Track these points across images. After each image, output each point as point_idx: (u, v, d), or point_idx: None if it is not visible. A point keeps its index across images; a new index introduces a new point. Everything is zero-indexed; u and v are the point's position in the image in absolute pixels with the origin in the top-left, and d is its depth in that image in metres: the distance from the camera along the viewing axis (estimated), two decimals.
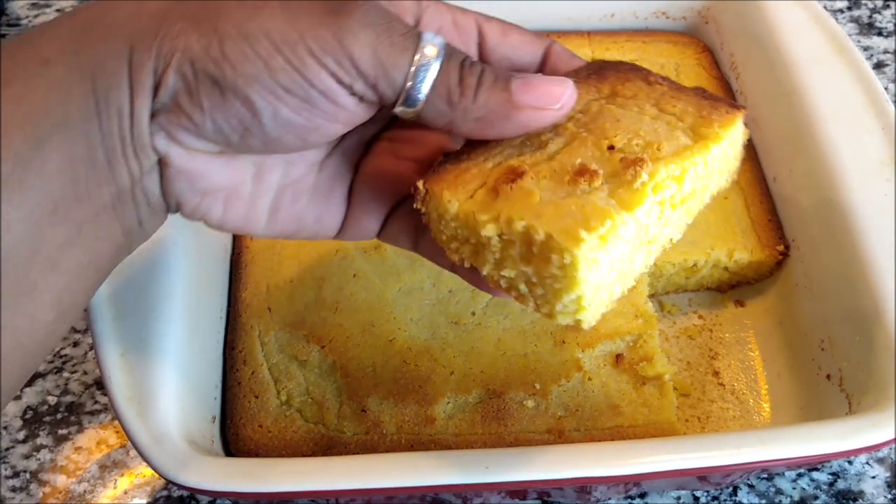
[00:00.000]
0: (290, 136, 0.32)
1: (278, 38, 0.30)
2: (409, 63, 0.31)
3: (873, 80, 0.51)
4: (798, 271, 0.52)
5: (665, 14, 0.67)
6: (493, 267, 0.32)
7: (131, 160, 0.31)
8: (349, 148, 0.38)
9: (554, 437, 0.45)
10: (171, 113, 0.30)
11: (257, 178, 0.35)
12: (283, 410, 0.46)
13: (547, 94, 0.32)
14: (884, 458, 0.50)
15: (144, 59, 0.29)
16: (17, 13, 0.82)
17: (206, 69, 0.29)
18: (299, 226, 0.37)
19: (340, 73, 0.30)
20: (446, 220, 0.33)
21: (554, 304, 0.31)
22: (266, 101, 0.30)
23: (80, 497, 0.49)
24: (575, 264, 0.29)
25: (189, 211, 0.34)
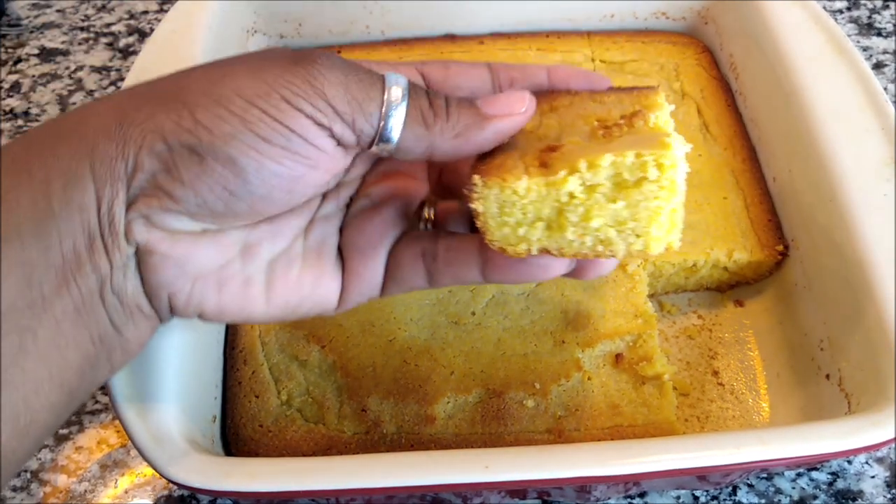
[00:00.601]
0: (277, 190, 0.31)
1: (249, 93, 0.30)
2: (381, 95, 0.32)
3: (873, 81, 0.52)
4: (797, 271, 0.52)
5: (665, 14, 0.67)
6: (577, 229, 0.33)
7: (98, 256, 0.30)
8: (328, 214, 0.37)
9: (554, 436, 0.45)
10: (150, 197, 0.30)
11: (245, 254, 0.34)
12: (283, 410, 0.47)
13: (509, 101, 0.34)
14: (883, 457, 0.50)
15: (109, 151, 0.29)
16: (17, 13, 0.82)
17: (182, 140, 0.29)
18: (300, 296, 0.36)
19: (318, 115, 0.30)
20: (513, 202, 0.32)
21: (650, 229, 0.32)
22: (248, 157, 0.30)
23: (81, 497, 0.50)
24: (674, 165, 0.31)
25: (182, 303, 0.33)
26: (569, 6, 0.66)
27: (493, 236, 0.34)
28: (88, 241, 0.29)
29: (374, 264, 0.37)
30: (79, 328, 0.30)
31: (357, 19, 0.66)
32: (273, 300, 0.35)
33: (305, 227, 0.37)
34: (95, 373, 0.31)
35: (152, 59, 0.55)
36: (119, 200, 0.29)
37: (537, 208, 0.33)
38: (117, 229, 0.30)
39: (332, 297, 0.37)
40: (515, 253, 0.34)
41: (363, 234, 0.37)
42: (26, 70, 0.76)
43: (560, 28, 0.67)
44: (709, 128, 0.60)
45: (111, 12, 0.82)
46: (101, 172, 0.29)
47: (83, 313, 0.30)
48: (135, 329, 0.32)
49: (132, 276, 0.31)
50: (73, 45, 0.79)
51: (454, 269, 0.36)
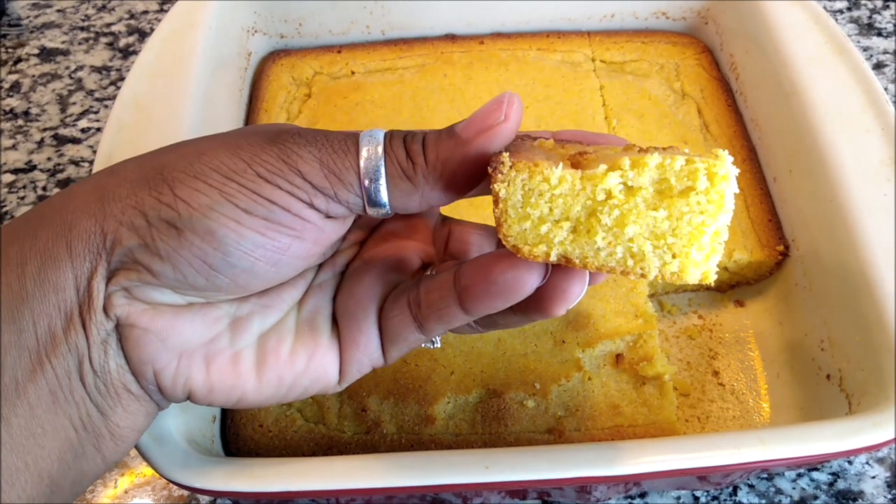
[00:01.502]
0: (261, 263, 0.30)
1: (227, 169, 0.29)
2: (357, 162, 0.30)
3: (873, 81, 0.52)
4: (798, 271, 0.52)
5: (665, 14, 0.67)
6: (607, 235, 0.29)
7: (75, 334, 0.29)
8: (324, 282, 0.36)
9: (554, 436, 0.45)
10: (129, 270, 0.29)
11: (234, 329, 0.33)
12: (283, 410, 0.46)
13: (486, 114, 0.31)
14: (884, 458, 0.50)
15: (88, 227, 0.29)
16: (17, 13, 0.82)
17: (160, 215, 0.29)
18: (294, 373, 0.33)
19: (296, 192, 0.30)
20: (541, 193, 0.29)
21: (690, 250, 0.29)
22: (228, 228, 0.29)
23: (81, 496, 0.49)
24: (727, 176, 0.28)
25: (170, 380, 0.31)
26: (569, 6, 0.66)
27: (511, 230, 0.30)
28: (65, 319, 0.29)
29: (366, 326, 0.34)
30: (56, 413, 0.29)
31: (357, 19, 0.66)
32: (265, 377, 0.33)
33: (300, 299, 0.35)
34: (82, 463, 0.30)
35: (152, 59, 0.55)
36: (98, 275, 0.29)
37: (567, 204, 0.29)
38: (95, 304, 0.29)
39: (332, 372, 0.34)
40: (531, 255, 0.30)
41: (353, 298, 0.35)
42: (26, 70, 0.76)
43: (560, 28, 0.67)
44: (709, 128, 0.60)
45: (111, 12, 0.82)
46: (79, 249, 0.29)
47: (60, 396, 0.29)
48: (125, 413, 0.31)
49: (114, 352, 0.30)
50: (74, 44, 0.79)
51: (435, 309, 0.33)
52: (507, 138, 0.31)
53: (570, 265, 0.30)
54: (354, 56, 0.65)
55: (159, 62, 0.54)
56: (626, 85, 0.62)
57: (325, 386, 0.34)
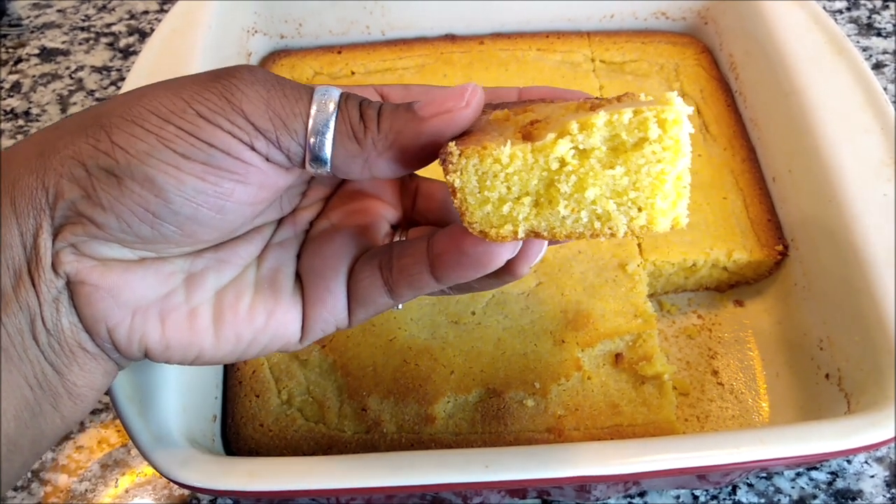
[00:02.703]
0: (204, 209, 0.29)
1: (165, 111, 0.29)
2: (307, 111, 0.30)
3: (872, 81, 0.52)
4: (797, 271, 0.52)
5: (665, 14, 0.67)
6: (569, 202, 0.29)
7: (25, 292, 0.28)
8: (285, 240, 0.35)
9: (554, 436, 0.45)
10: (74, 224, 0.29)
11: (189, 284, 0.32)
12: (283, 409, 0.47)
13: (447, 96, 0.30)
14: (882, 457, 0.50)
15: (30, 182, 0.28)
16: (18, 13, 0.82)
17: (99, 163, 0.28)
18: (253, 329, 0.33)
19: (237, 132, 0.29)
20: (495, 174, 0.29)
21: (654, 200, 0.28)
22: (166, 174, 0.28)
23: (82, 496, 0.50)
24: (678, 120, 0.27)
25: (124, 337, 0.31)
26: (569, 6, 0.66)
27: (473, 217, 0.30)
28: (14, 277, 0.28)
29: (334, 285, 0.34)
30: (10, 371, 0.28)
31: (357, 19, 0.66)
32: (223, 334, 0.32)
33: (258, 255, 0.35)
34: (40, 421, 0.30)
35: (152, 59, 0.55)
36: (44, 231, 0.28)
37: (523, 180, 0.29)
38: (43, 262, 0.29)
39: (293, 330, 0.34)
40: (499, 237, 0.29)
41: (321, 257, 0.34)
42: (27, 70, 0.76)
43: (560, 28, 0.67)
44: (708, 128, 0.60)
45: (112, 12, 0.82)
46: (23, 205, 0.28)
47: (13, 354, 0.28)
48: (81, 372, 0.30)
49: (66, 310, 0.29)
50: (74, 45, 0.79)
51: (407, 275, 0.33)
52: (463, 125, 0.30)
53: (539, 238, 0.30)
54: (354, 56, 0.65)
55: (159, 62, 0.54)
56: (625, 85, 0.62)
57: (286, 344, 0.34)
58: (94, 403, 0.32)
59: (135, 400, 0.41)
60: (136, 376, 0.41)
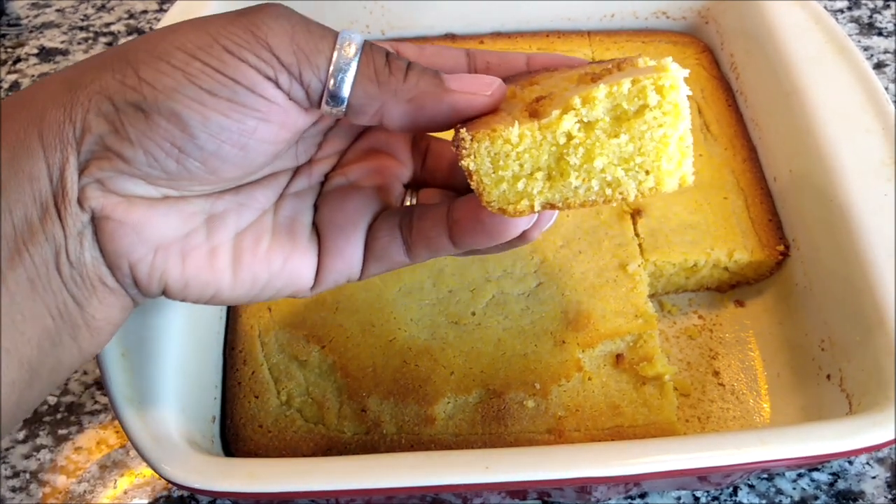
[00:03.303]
0: (227, 146, 0.30)
1: (191, 46, 0.29)
2: (331, 48, 0.30)
3: (873, 80, 0.51)
4: (798, 271, 0.52)
5: (665, 14, 0.67)
6: (580, 173, 0.30)
7: (51, 224, 0.29)
8: (300, 190, 0.37)
9: (554, 437, 0.45)
10: (101, 159, 0.29)
11: (210, 225, 0.33)
12: (283, 410, 0.46)
13: (476, 81, 0.32)
14: (884, 458, 0.50)
15: (57, 116, 0.29)
16: (17, 13, 0.82)
17: (126, 98, 0.29)
18: (269, 272, 0.34)
19: (261, 65, 0.29)
20: (506, 154, 0.30)
21: (660, 162, 0.30)
22: (192, 110, 0.29)
23: (80, 497, 0.49)
24: (675, 86, 0.29)
25: (145, 274, 0.31)
26: (569, 6, 0.66)
27: (490, 196, 0.31)
28: (41, 209, 0.29)
29: (354, 240, 0.35)
30: (35, 300, 0.29)
31: (357, 19, 0.66)
32: (240, 274, 0.34)
33: (275, 201, 0.36)
34: (59, 351, 0.30)
35: None
36: (70, 165, 0.29)
37: (534, 156, 0.30)
38: (70, 195, 0.29)
39: (307, 276, 0.35)
40: (517, 212, 0.31)
41: (342, 211, 0.36)
42: (26, 70, 0.76)
43: (560, 28, 0.67)
44: (709, 127, 0.59)
45: (111, 12, 0.82)
46: (50, 138, 0.29)
47: (38, 285, 0.29)
48: (100, 305, 0.31)
49: (89, 244, 0.30)
50: (73, 44, 0.79)
51: (426, 238, 0.35)
52: (480, 110, 0.32)
53: (555, 208, 0.31)
54: None
55: None
56: None
57: (298, 290, 0.35)
58: (109, 338, 0.33)
59: (133, 401, 0.41)
60: (135, 378, 0.41)
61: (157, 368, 0.42)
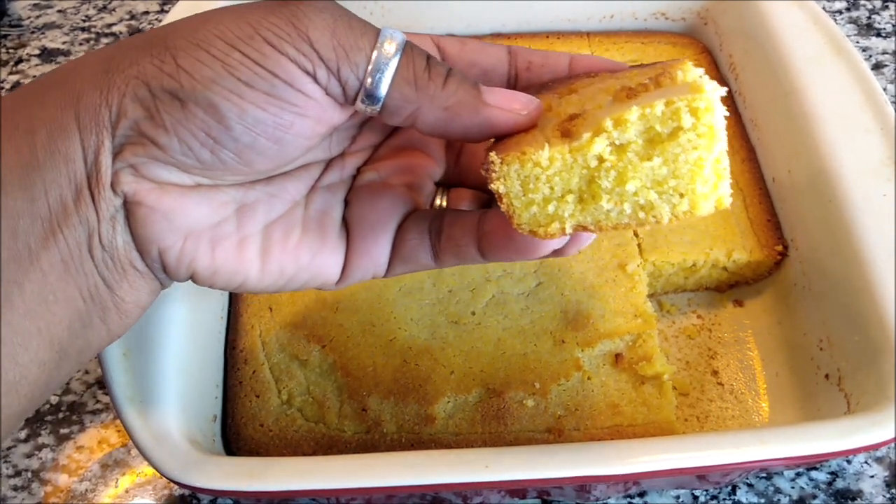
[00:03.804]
0: (262, 139, 0.30)
1: (231, 36, 0.29)
2: (371, 45, 0.30)
3: (872, 81, 0.52)
4: (797, 271, 0.52)
5: (664, 15, 0.67)
6: (612, 196, 0.30)
7: (85, 207, 0.29)
8: (332, 183, 0.36)
9: (553, 436, 0.45)
10: (135, 145, 0.29)
11: (240, 215, 0.33)
12: (283, 410, 0.47)
13: (514, 97, 0.32)
14: (882, 457, 0.50)
15: (94, 99, 0.29)
16: (18, 14, 0.82)
17: (163, 85, 0.28)
18: (297, 265, 0.34)
19: (301, 59, 0.29)
20: (537, 177, 0.30)
21: (695, 185, 0.29)
22: (230, 102, 0.29)
23: (82, 496, 0.50)
24: (710, 107, 0.28)
25: (174, 260, 0.31)
26: (568, 7, 0.66)
27: (521, 219, 0.31)
28: (75, 191, 0.29)
29: (383, 239, 0.35)
30: (67, 282, 0.29)
31: None
32: (268, 266, 0.34)
33: (306, 194, 0.36)
34: (88, 333, 0.31)
35: None
36: (105, 149, 0.29)
37: (565, 180, 0.30)
38: (103, 180, 0.29)
39: (334, 271, 0.35)
40: (547, 234, 0.31)
41: (373, 209, 0.35)
42: (27, 70, 0.76)
43: (560, 28, 0.67)
44: None
45: (112, 13, 0.82)
46: (86, 121, 0.28)
47: (71, 267, 0.29)
48: (130, 288, 0.31)
49: (121, 229, 0.30)
50: (75, 45, 0.79)
51: (455, 245, 0.34)
52: (514, 128, 0.32)
53: (587, 231, 0.31)
54: None
55: None
56: None
57: (324, 283, 0.35)
58: (137, 319, 0.33)
59: (135, 400, 0.41)
60: (137, 377, 0.41)
61: (159, 368, 0.42)
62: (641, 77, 0.32)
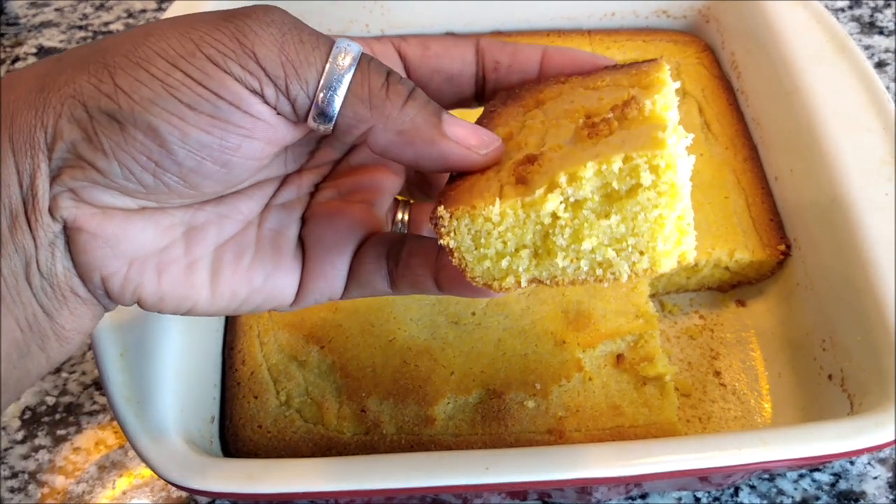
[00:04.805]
0: (208, 163, 0.28)
1: (173, 53, 0.27)
2: (324, 60, 0.28)
3: (874, 79, 0.51)
4: (799, 271, 0.52)
5: (666, 13, 0.67)
6: (567, 253, 0.29)
7: (21, 235, 0.27)
8: (287, 201, 0.35)
9: (554, 437, 0.44)
10: (74, 168, 0.27)
11: (188, 238, 0.32)
12: (282, 411, 0.46)
13: (475, 135, 0.30)
14: (885, 458, 0.50)
15: (28, 119, 0.27)
16: (15, 12, 0.81)
17: (100, 106, 0.27)
18: (249, 288, 0.33)
19: (247, 78, 0.27)
20: (488, 232, 0.29)
21: (655, 243, 0.28)
22: (170, 125, 0.27)
23: (79, 498, 0.49)
24: (671, 165, 0.26)
25: (118, 287, 0.30)
26: (569, 5, 0.66)
27: (474, 273, 0.30)
28: (11, 218, 0.27)
29: (340, 262, 0.34)
30: (3, 314, 0.28)
31: (357, 18, 0.66)
32: (219, 290, 0.32)
33: (260, 212, 0.34)
34: (27, 362, 0.29)
35: None
36: (41, 173, 0.27)
37: (518, 235, 0.29)
38: (40, 205, 0.27)
39: (288, 293, 0.34)
40: (502, 288, 0.30)
41: (331, 230, 0.34)
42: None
43: (560, 27, 0.66)
44: (710, 127, 0.59)
45: (109, 11, 0.82)
46: (20, 143, 0.27)
47: (7, 298, 0.28)
48: (70, 315, 0.30)
49: (61, 255, 0.29)
50: (72, 44, 0.79)
51: (413, 275, 0.33)
52: (469, 167, 0.31)
53: (543, 284, 0.29)
54: None
55: None
56: None
57: (278, 305, 0.34)
58: (79, 345, 0.32)
59: (132, 401, 0.40)
60: (134, 378, 0.41)
61: (156, 369, 0.42)
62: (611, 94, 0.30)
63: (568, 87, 0.33)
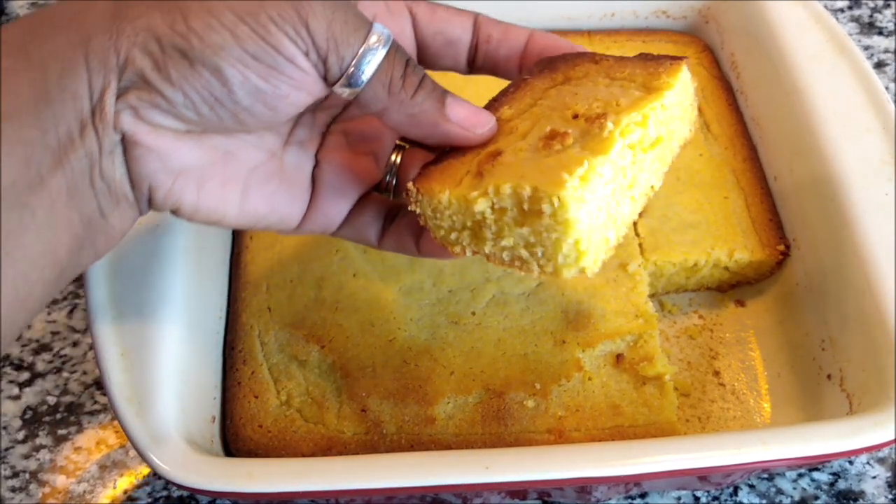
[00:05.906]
0: (260, 105, 0.33)
1: (241, 10, 0.31)
2: (360, 44, 0.33)
3: (874, 80, 0.51)
4: (799, 271, 0.52)
5: (665, 13, 0.67)
6: (493, 243, 0.35)
7: (89, 141, 0.31)
8: (304, 139, 0.40)
9: (554, 437, 0.45)
10: (140, 90, 0.31)
11: (226, 160, 0.36)
12: (282, 410, 0.46)
13: (475, 118, 0.36)
14: (885, 458, 0.50)
15: (103, 42, 0.30)
16: (16, 12, 0.81)
17: (174, 43, 0.30)
18: (269, 209, 0.38)
19: (298, 42, 0.32)
20: (441, 210, 0.35)
21: (556, 258, 0.33)
22: (235, 70, 0.31)
23: (80, 497, 0.49)
24: (564, 205, 0.31)
25: (162, 196, 0.34)
26: (569, 5, 0.66)
27: (436, 234, 0.37)
28: (80, 126, 0.31)
29: (342, 206, 0.40)
30: (70, 209, 0.31)
31: None
32: (246, 208, 0.37)
33: (282, 146, 0.39)
34: (81, 256, 0.33)
35: None
36: (110, 91, 0.31)
37: (460, 219, 0.35)
38: (107, 118, 0.31)
39: (295, 219, 0.39)
40: (453, 252, 0.36)
41: (339, 178, 0.40)
42: None
43: (560, 27, 0.66)
44: (710, 127, 0.59)
45: None
46: (95, 63, 0.30)
47: (74, 195, 0.31)
48: (119, 217, 0.34)
49: (119, 163, 0.32)
50: None
51: (398, 236, 0.40)
52: (469, 145, 0.36)
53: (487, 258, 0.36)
54: None
55: None
56: None
57: (284, 228, 0.40)
58: (118, 242, 0.35)
59: (133, 401, 0.41)
60: (135, 377, 0.41)
61: (157, 368, 0.42)
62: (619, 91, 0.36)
63: (594, 70, 0.38)
